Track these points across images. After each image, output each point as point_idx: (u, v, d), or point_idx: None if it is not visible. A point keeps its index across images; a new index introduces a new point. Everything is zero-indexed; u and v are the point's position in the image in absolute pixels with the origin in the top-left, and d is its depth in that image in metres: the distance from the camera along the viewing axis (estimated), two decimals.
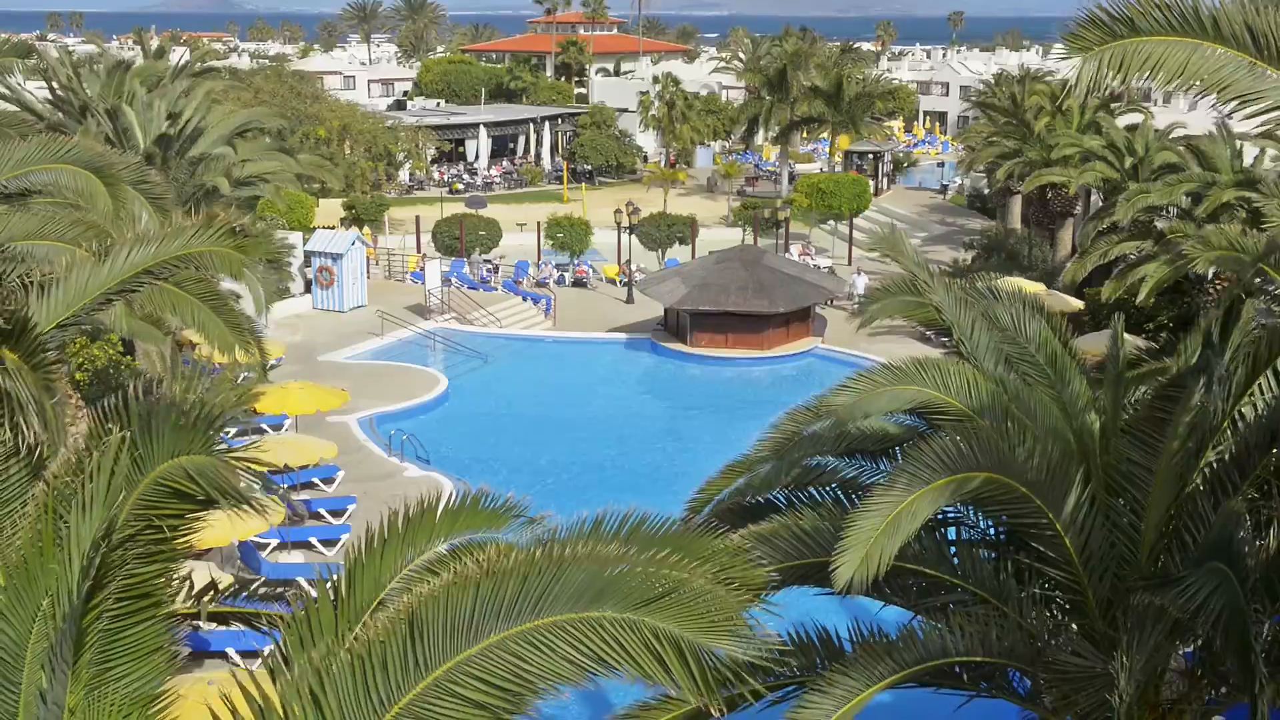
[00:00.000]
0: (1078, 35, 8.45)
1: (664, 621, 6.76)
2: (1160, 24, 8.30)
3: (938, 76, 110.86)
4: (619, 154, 74.92)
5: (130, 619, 7.61)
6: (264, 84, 64.98)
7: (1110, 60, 8.29)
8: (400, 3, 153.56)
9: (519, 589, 6.89)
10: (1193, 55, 8.29)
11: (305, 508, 26.35)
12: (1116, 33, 8.32)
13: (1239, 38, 8.30)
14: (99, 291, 10.49)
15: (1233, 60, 8.31)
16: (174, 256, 10.74)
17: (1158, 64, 8.25)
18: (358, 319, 42.31)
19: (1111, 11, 8.37)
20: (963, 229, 58.53)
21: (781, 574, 10.51)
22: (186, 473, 7.73)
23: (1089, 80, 8.33)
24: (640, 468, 30.87)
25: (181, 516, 7.96)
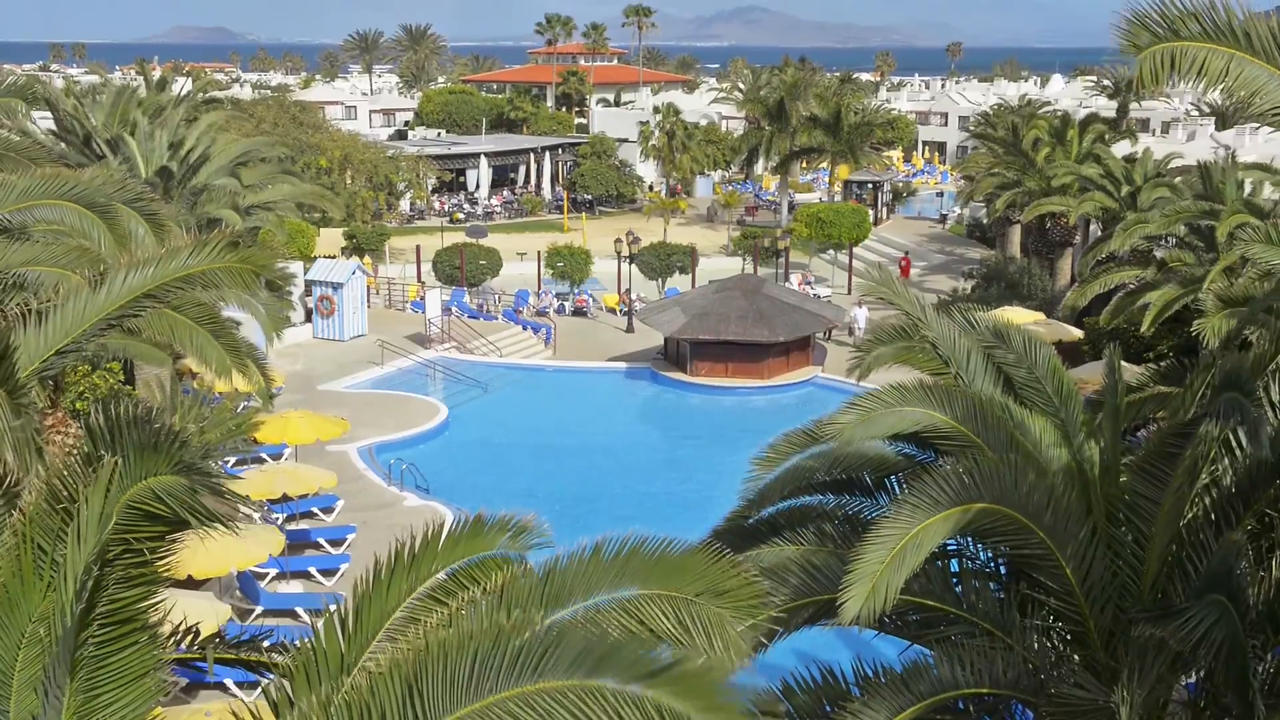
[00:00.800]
0: (1131, 36, 8.60)
1: (667, 698, 6.65)
2: (1197, 33, 8.45)
3: (936, 107, 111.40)
4: (619, 184, 75.19)
5: (115, 645, 7.57)
6: (266, 114, 65.29)
7: (1162, 59, 8.46)
8: (401, 33, 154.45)
9: (518, 651, 6.78)
10: (1230, 63, 8.45)
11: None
12: (1164, 36, 8.48)
13: (1268, 51, 8.44)
14: (98, 317, 10.48)
15: (1264, 71, 8.45)
16: (176, 278, 10.72)
17: (1202, 68, 8.43)
18: (358, 348, 42.35)
19: (1155, 16, 8.54)
20: (962, 258, 58.67)
21: (790, 613, 10.45)
22: (154, 494, 7.69)
23: (1150, 76, 8.49)
24: (641, 497, 30.81)
25: (159, 539, 7.92)
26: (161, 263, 10.64)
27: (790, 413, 36.48)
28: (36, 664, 7.42)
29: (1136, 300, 31.34)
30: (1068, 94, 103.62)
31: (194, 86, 62.10)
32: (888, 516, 9.68)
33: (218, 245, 10.78)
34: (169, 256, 10.65)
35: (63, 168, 14.46)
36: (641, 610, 7.82)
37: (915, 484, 9.83)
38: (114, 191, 13.51)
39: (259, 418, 26.02)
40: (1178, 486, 10.05)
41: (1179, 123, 79.89)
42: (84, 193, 12.57)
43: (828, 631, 10.94)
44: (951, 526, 9.71)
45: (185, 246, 10.76)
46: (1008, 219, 51.22)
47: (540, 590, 7.77)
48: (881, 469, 12.18)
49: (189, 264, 10.69)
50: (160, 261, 10.63)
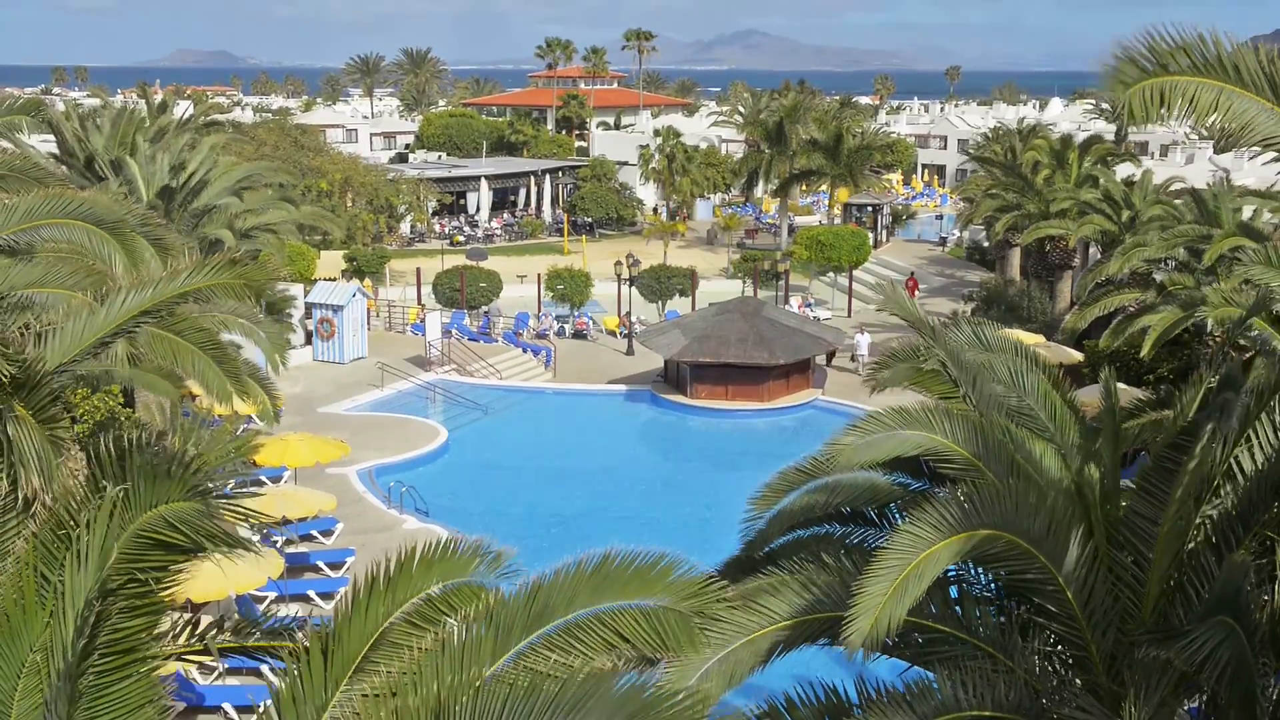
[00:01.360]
0: (1119, 72, 8.60)
1: None
2: (1188, 66, 8.46)
3: (936, 130, 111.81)
4: (619, 206, 75.36)
5: (116, 674, 7.54)
6: (267, 137, 65.52)
7: (1151, 95, 8.45)
8: (402, 57, 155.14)
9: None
10: (1220, 97, 8.45)
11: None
12: (1153, 71, 8.48)
13: (1258, 83, 8.45)
14: (96, 336, 10.47)
15: (1254, 104, 8.46)
16: (175, 294, 10.71)
17: (1193, 100, 8.43)
18: (358, 370, 42.36)
19: (1144, 51, 8.55)
20: (962, 281, 58.75)
21: (790, 631, 10.44)
22: (167, 521, 7.67)
23: (1140, 111, 8.49)
24: (641, 519, 30.75)
25: (165, 568, 7.90)
26: (162, 282, 10.64)
27: (790, 435, 36.54)
28: (37, 694, 7.38)
29: (1136, 323, 31.37)
30: (1066, 117, 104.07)
31: (195, 110, 62.28)
32: (889, 546, 9.65)
33: (218, 264, 10.80)
34: (169, 277, 10.66)
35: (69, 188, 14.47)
36: (618, 622, 7.87)
37: (916, 512, 9.81)
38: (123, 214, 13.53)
39: (259, 440, 25.97)
40: (1178, 507, 10.04)
41: (1178, 146, 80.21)
42: (94, 211, 12.57)
43: (826, 651, 10.92)
44: (953, 554, 9.68)
45: (186, 267, 10.78)
46: (1007, 242, 51.32)
47: (526, 608, 7.78)
48: (880, 499, 12.17)
49: (188, 282, 10.70)
50: (161, 281, 10.64)
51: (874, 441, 11.34)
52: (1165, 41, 8.55)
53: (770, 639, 10.55)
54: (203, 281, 10.77)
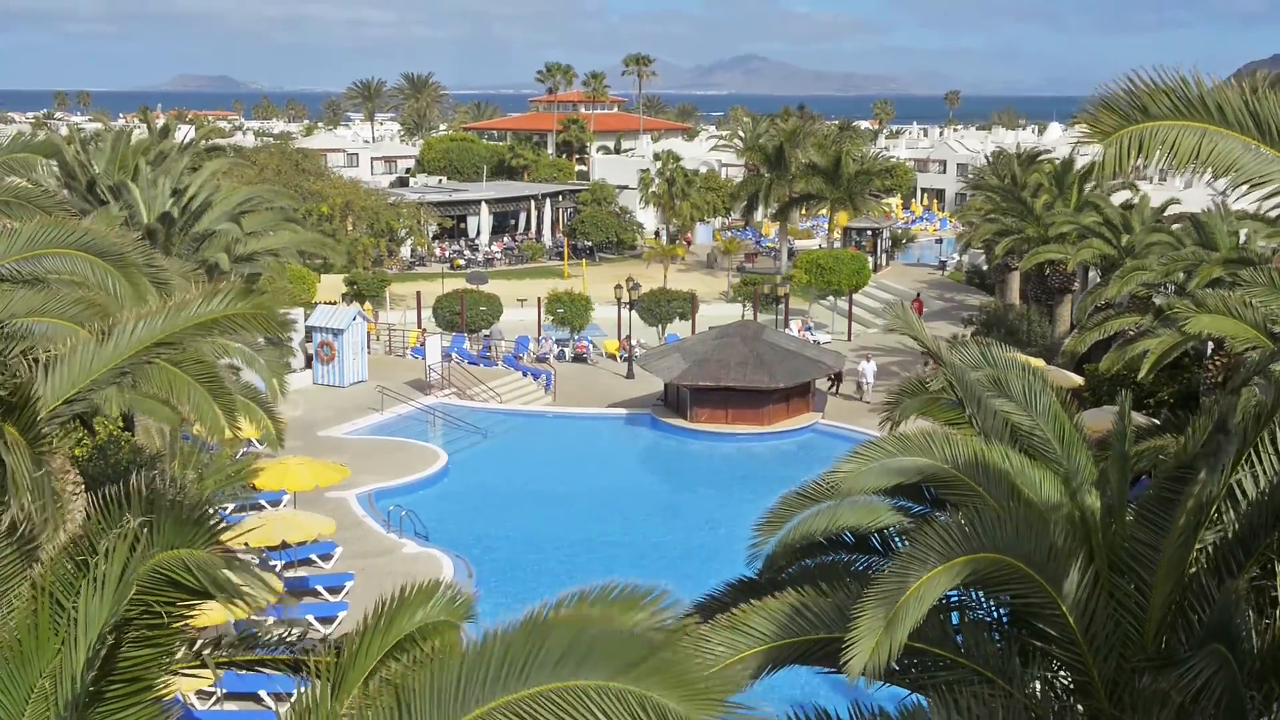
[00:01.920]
0: (1097, 120, 8.58)
1: (651, 690, 6.74)
2: (1169, 109, 8.44)
3: (935, 154, 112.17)
4: (619, 230, 75.54)
5: (124, 703, 7.52)
6: (268, 161, 65.71)
7: (1130, 144, 8.42)
8: (403, 82, 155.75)
9: (503, 657, 6.89)
10: (1202, 140, 8.42)
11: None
12: (1132, 117, 8.46)
13: (1242, 122, 8.42)
14: (107, 367, 10.46)
15: (1239, 144, 8.43)
16: (190, 325, 10.71)
17: (1173, 147, 8.39)
18: (358, 394, 42.34)
19: (1125, 97, 8.51)
20: (962, 305, 58.81)
21: (785, 649, 10.42)
22: (185, 565, 7.68)
23: (1113, 163, 8.46)
24: (641, 544, 30.69)
25: (175, 604, 7.90)
26: (174, 312, 10.65)
27: (791, 459, 36.49)
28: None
29: (1135, 347, 31.38)
30: (1065, 141, 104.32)
31: (197, 134, 62.50)
32: (889, 571, 9.62)
33: (230, 293, 10.81)
34: (178, 307, 10.67)
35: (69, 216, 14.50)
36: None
37: (917, 536, 9.79)
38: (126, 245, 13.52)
39: (258, 464, 25.98)
40: (1179, 534, 10.02)
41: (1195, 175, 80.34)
42: (95, 242, 12.58)
43: (826, 678, 10.88)
44: (954, 578, 9.66)
45: (197, 296, 10.78)
46: (1007, 265, 51.41)
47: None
48: (882, 525, 12.15)
49: (200, 312, 10.71)
50: (171, 311, 10.65)
51: (875, 468, 11.34)
52: (1145, 85, 8.54)
53: (758, 660, 10.53)
54: (216, 313, 10.77)
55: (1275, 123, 8.34)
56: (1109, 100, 8.52)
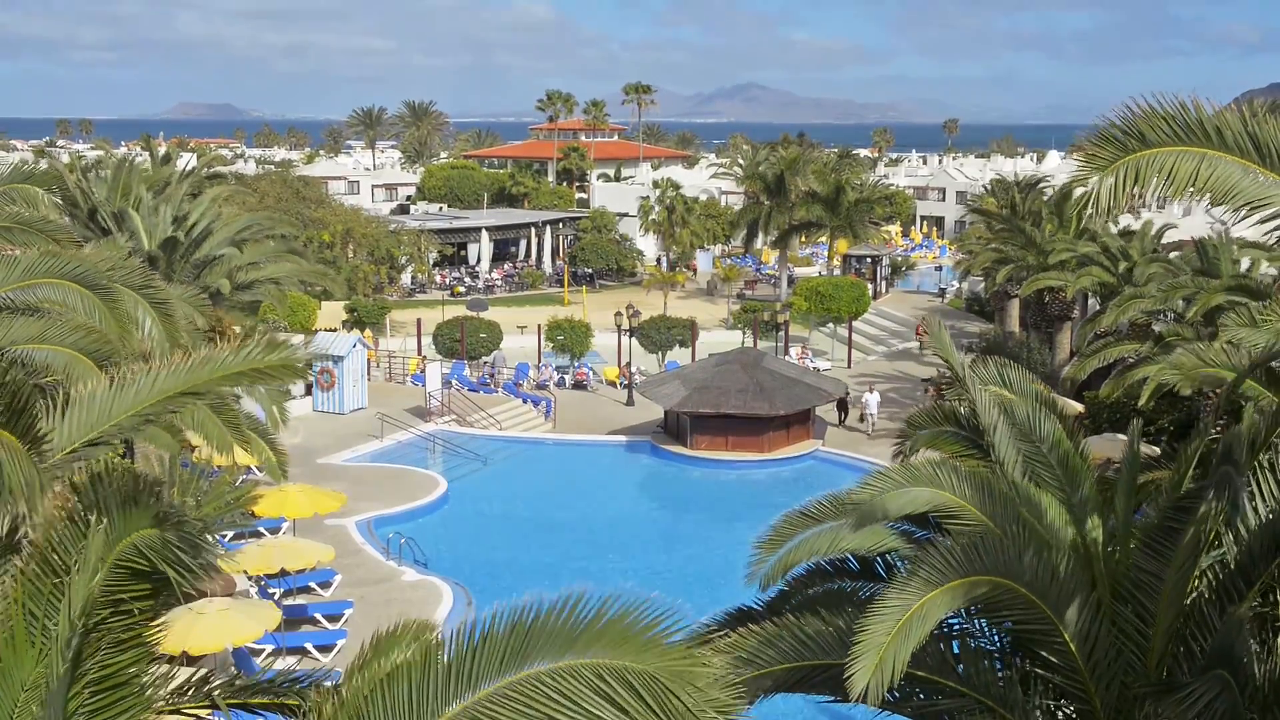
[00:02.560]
0: (1094, 154, 8.58)
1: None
2: (1168, 135, 8.45)
3: (934, 182, 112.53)
4: (619, 257, 75.67)
5: (108, 711, 7.47)
6: (269, 189, 65.91)
7: (1126, 175, 8.42)
8: (405, 109, 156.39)
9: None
10: (1201, 165, 8.43)
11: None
12: (1129, 147, 8.46)
13: (1242, 146, 8.44)
14: (131, 412, 10.46)
15: (1238, 168, 8.44)
16: (218, 377, 10.73)
17: (1170, 174, 8.39)
18: (357, 421, 42.31)
19: (1123, 127, 8.52)
20: (961, 332, 58.83)
21: (784, 674, 10.38)
22: (137, 549, 7.63)
23: (1109, 197, 8.45)
24: (641, 571, 30.59)
25: (147, 599, 7.83)
26: (202, 363, 10.65)
27: (791, 486, 36.41)
28: None
29: (1135, 374, 31.37)
30: (1064, 169, 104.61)
31: (198, 162, 62.74)
32: (893, 589, 9.61)
33: (259, 347, 10.82)
34: (207, 359, 10.67)
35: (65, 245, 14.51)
36: None
37: (920, 557, 9.78)
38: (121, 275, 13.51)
39: (258, 491, 25.92)
40: (1181, 562, 10.00)
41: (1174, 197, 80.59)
42: (85, 273, 12.58)
43: (816, 707, 10.84)
44: (956, 599, 9.63)
45: (225, 349, 10.80)
46: (1006, 293, 51.45)
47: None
48: (884, 549, 12.12)
49: (229, 364, 10.72)
50: (202, 362, 10.64)
51: (884, 500, 11.32)
52: (1143, 111, 8.56)
53: (758, 685, 10.49)
54: (245, 365, 10.77)
55: (1275, 146, 8.35)
56: (1106, 132, 8.55)
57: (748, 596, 12.51)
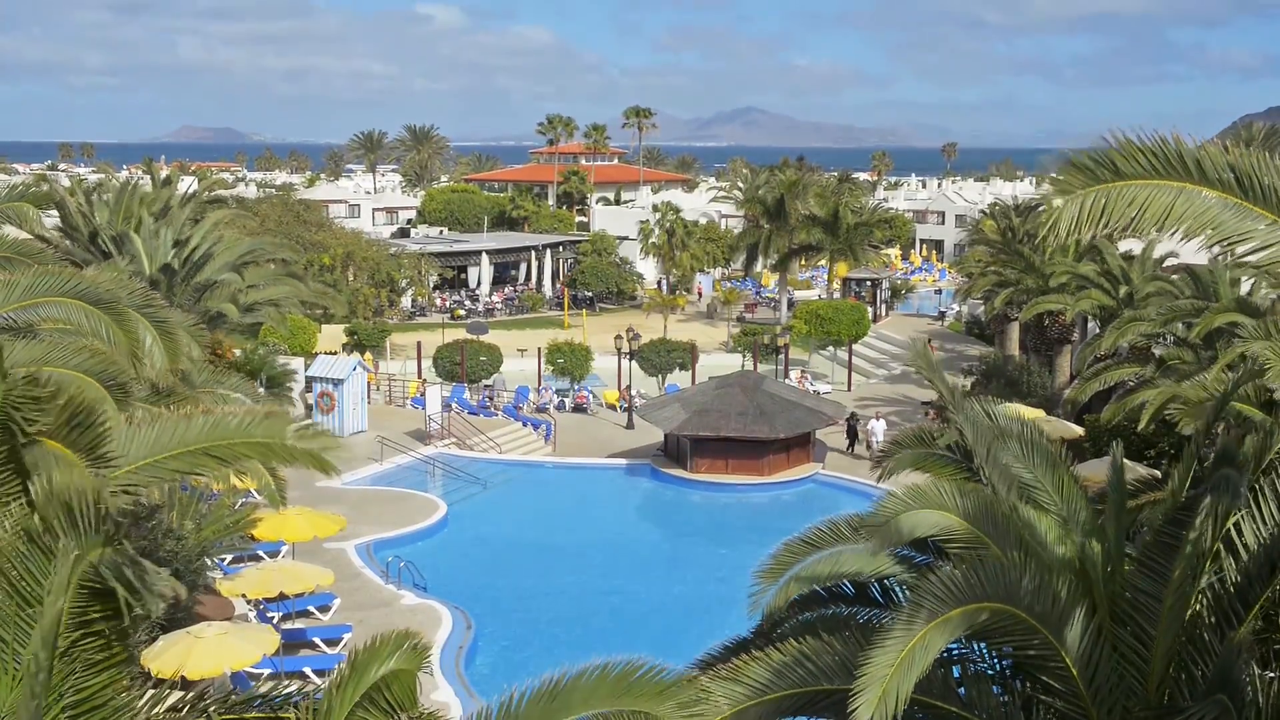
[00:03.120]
0: (1061, 179, 8.53)
1: None
2: (1145, 168, 8.39)
3: (934, 205, 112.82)
4: (619, 281, 75.78)
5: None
6: (270, 212, 66.08)
7: (1093, 205, 8.34)
8: (405, 133, 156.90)
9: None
10: (1178, 198, 8.35)
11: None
12: (1100, 177, 8.40)
13: (1224, 179, 8.39)
14: (149, 461, 10.47)
15: (1219, 201, 8.39)
16: (244, 443, 10.75)
17: (1143, 207, 8.30)
18: (357, 444, 42.21)
19: (1095, 156, 8.47)
20: (961, 355, 58.87)
21: (786, 701, 10.34)
22: (96, 570, 7.59)
23: (1069, 224, 8.39)
24: (641, 594, 30.51)
25: (118, 618, 7.78)
26: (236, 425, 10.68)
27: (791, 510, 36.35)
28: None
29: (1135, 397, 31.36)
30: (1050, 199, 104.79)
31: (200, 185, 62.91)
32: (896, 619, 9.57)
33: (301, 430, 10.88)
34: (219, 422, 10.69)
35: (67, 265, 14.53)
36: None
37: (921, 585, 9.75)
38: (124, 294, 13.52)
39: (257, 514, 25.86)
40: (1178, 584, 9.97)
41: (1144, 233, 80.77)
42: (91, 290, 12.60)
43: None
44: (959, 627, 9.60)
45: (237, 413, 10.85)
46: (1006, 316, 51.49)
47: None
48: (884, 574, 12.09)
49: (258, 433, 10.76)
50: (235, 424, 10.67)
51: (895, 524, 11.28)
52: (1120, 144, 8.52)
53: (759, 711, 10.45)
54: (277, 439, 10.82)
55: (1259, 179, 8.33)
56: (1076, 159, 8.50)
57: (749, 621, 12.48)
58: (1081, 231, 8.35)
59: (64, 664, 7.40)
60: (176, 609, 21.24)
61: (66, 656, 7.42)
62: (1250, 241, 8.35)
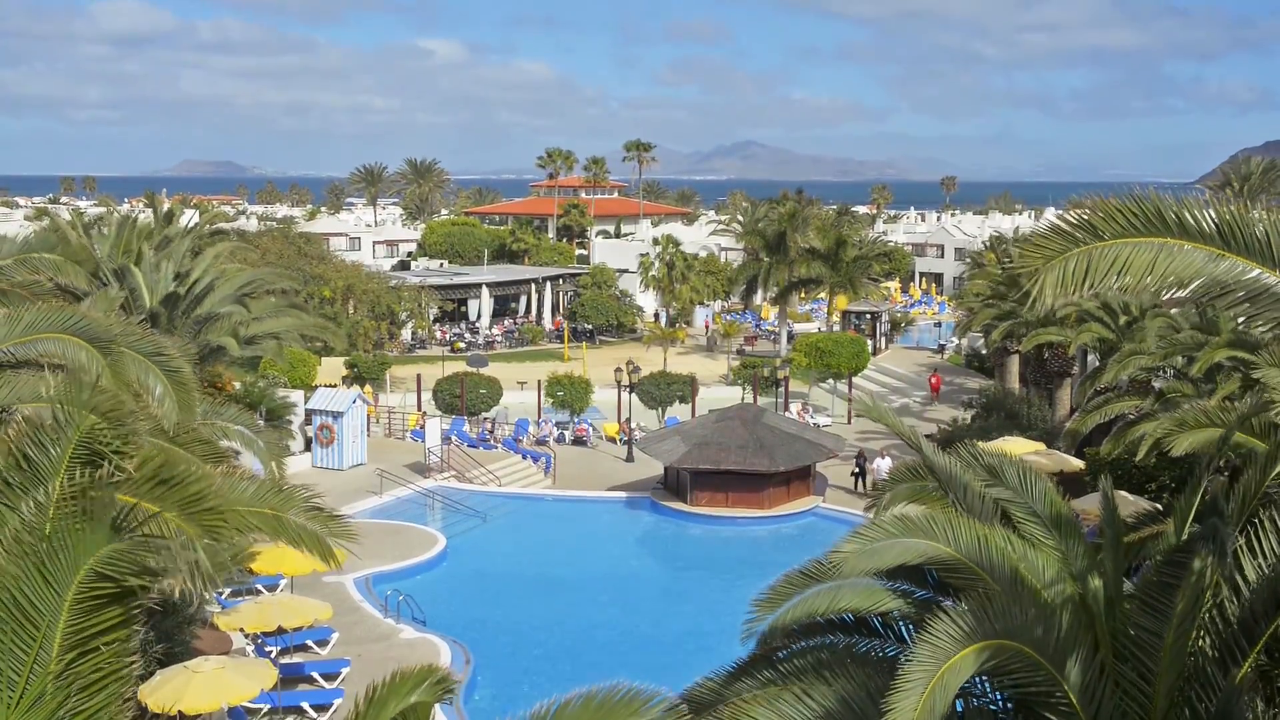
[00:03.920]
0: (1039, 244, 8.53)
1: None
2: (1125, 227, 8.42)
3: (933, 239, 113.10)
4: (619, 313, 75.88)
5: None
6: (270, 245, 66.24)
7: (1075, 267, 8.36)
8: (406, 167, 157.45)
9: None
10: (1160, 254, 8.37)
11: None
12: (1079, 240, 8.42)
13: (1205, 232, 8.41)
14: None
15: (1201, 254, 8.40)
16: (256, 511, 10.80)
17: (1125, 265, 8.32)
18: (357, 477, 42.18)
19: (1073, 220, 8.50)
20: (961, 388, 58.85)
21: None
22: (99, 574, 7.50)
23: (1054, 289, 8.40)
24: (640, 629, 30.37)
25: (121, 627, 7.70)
26: (241, 490, 10.71)
27: (792, 543, 36.22)
28: None
29: (1136, 430, 31.29)
30: None
31: (201, 218, 63.08)
32: (911, 660, 9.50)
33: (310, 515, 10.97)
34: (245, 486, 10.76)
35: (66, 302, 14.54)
36: None
37: (932, 623, 9.69)
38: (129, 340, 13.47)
39: (255, 548, 25.73)
40: (1179, 621, 9.92)
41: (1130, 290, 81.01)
42: (88, 327, 12.59)
43: None
44: (973, 665, 9.54)
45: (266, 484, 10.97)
46: (1006, 349, 51.52)
47: None
48: (884, 608, 12.04)
49: (263, 501, 10.79)
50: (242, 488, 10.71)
51: (878, 549, 11.25)
52: (1095, 208, 8.54)
53: None
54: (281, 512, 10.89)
55: (1241, 231, 8.36)
56: (1055, 224, 8.54)
57: (746, 652, 12.40)
58: (1068, 294, 8.36)
59: (57, 686, 7.34)
60: (174, 643, 21.13)
61: (61, 678, 7.36)
62: (1235, 292, 8.39)
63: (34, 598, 7.48)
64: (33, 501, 8.23)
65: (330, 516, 11.05)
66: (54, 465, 8.86)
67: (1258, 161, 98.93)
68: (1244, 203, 8.59)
